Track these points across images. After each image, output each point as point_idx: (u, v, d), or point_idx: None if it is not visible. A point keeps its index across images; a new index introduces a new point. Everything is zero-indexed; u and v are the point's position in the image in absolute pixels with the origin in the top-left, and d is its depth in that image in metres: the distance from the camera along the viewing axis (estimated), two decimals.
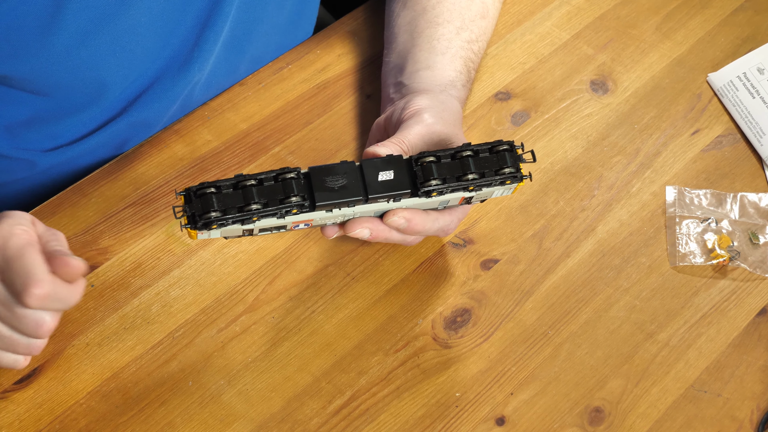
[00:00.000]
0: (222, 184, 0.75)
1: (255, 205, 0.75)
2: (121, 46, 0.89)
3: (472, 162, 0.79)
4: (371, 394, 0.84)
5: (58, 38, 0.85)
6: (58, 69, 0.87)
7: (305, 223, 0.80)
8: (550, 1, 1.13)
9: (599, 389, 0.85)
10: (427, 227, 0.83)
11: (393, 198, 0.79)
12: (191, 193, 0.75)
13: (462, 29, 0.99)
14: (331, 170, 0.77)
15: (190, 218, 0.75)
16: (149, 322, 0.87)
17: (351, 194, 0.77)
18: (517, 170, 0.80)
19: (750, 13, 1.13)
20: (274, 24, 1.02)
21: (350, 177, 0.77)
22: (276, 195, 0.76)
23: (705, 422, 0.84)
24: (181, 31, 0.93)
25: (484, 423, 0.83)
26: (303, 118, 1.01)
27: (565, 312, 0.89)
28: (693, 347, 0.88)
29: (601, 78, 1.07)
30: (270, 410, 0.83)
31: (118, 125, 0.96)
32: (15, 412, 0.81)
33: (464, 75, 0.97)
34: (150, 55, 0.92)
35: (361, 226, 0.81)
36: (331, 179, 0.77)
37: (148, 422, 0.81)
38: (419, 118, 0.87)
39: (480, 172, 0.79)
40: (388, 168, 0.78)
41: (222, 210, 0.75)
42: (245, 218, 0.75)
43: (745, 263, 0.92)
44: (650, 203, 0.97)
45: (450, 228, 0.86)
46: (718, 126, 1.03)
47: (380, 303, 0.89)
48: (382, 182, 0.78)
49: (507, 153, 0.79)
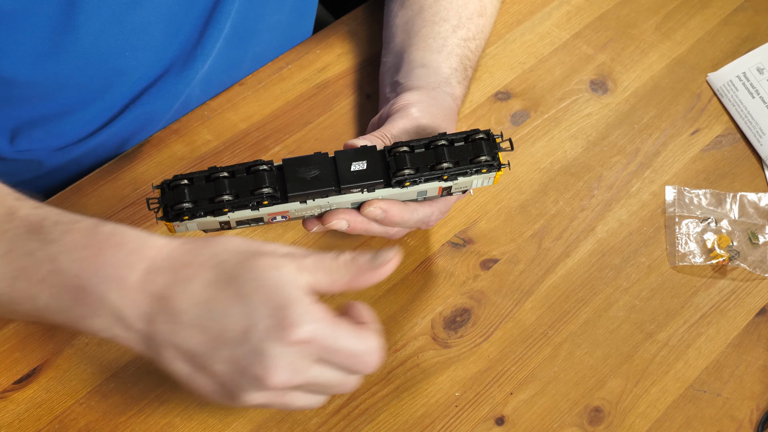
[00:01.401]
0: (195, 176, 0.76)
1: (226, 197, 0.75)
2: (131, 44, 0.90)
3: (446, 151, 0.78)
4: (371, 393, 0.84)
5: (71, 41, 0.85)
6: (68, 70, 0.88)
7: (282, 216, 0.80)
8: (549, 1, 1.13)
9: (599, 389, 0.85)
10: (406, 218, 0.82)
11: (366, 188, 0.78)
12: (165, 185, 0.76)
13: (458, 27, 0.99)
14: (304, 161, 0.77)
15: (164, 210, 0.76)
16: None
17: (323, 185, 0.77)
18: (494, 158, 0.79)
19: (750, 12, 1.13)
20: (274, 21, 1.02)
21: (323, 168, 0.77)
22: (248, 187, 0.76)
23: (704, 422, 0.84)
24: (186, 27, 0.93)
25: (483, 423, 0.83)
26: (303, 117, 1.01)
27: (564, 312, 0.89)
28: (692, 347, 0.88)
29: (601, 78, 1.07)
30: (269, 410, 0.83)
31: (121, 122, 0.96)
32: (15, 412, 0.81)
33: (460, 72, 0.97)
34: (157, 52, 0.93)
35: (337, 217, 0.81)
36: (304, 170, 0.77)
37: (148, 422, 0.81)
38: (405, 112, 0.87)
39: (454, 161, 0.78)
40: (361, 158, 0.78)
41: (193, 201, 0.75)
42: (216, 209, 0.76)
43: (745, 263, 0.92)
44: (650, 203, 0.97)
45: (431, 219, 0.85)
46: (718, 126, 1.03)
47: (380, 303, 0.89)
48: (355, 172, 0.77)
49: (483, 141, 0.79)
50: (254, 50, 1.02)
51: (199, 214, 0.76)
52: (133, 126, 0.97)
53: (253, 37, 1.01)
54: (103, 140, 0.97)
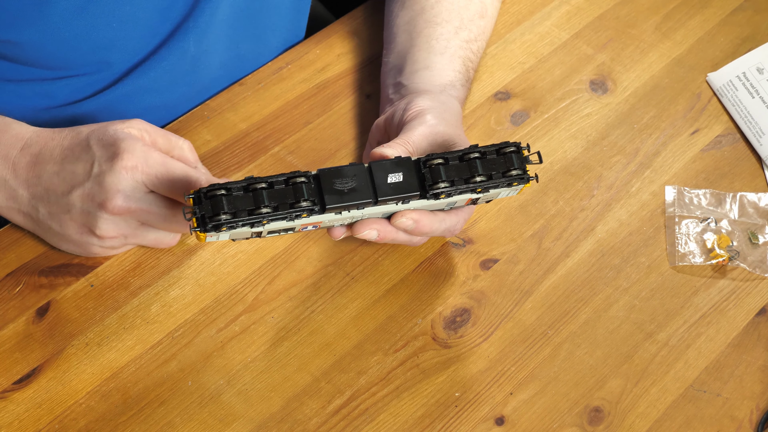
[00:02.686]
0: (232, 186, 0.75)
1: (265, 209, 0.75)
2: (117, 17, 0.90)
3: (479, 164, 0.79)
4: (371, 393, 0.84)
5: (55, 7, 0.86)
6: (55, 38, 0.88)
7: (314, 225, 0.80)
8: (549, 1, 1.13)
9: (599, 389, 0.85)
10: (435, 228, 0.83)
11: (402, 200, 0.79)
12: (201, 194, 0.75)
13: (460, 29, 0.99)
14: (340, 172, 0.77)
15: (199, 220, 0.75)
16: (149, 321, 0.87)
17: (361, 197, 0.77)
18: (524, 172, 0.80)
19: (749, 12, 1.13)
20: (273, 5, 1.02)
21: (360, 179, 0.77)
22: (286, 198, 0.76)
23: (704, 422, 0.84)
24: (178, 3, 0.93)
25: (483, 423, 0.83)
26: (302, 117, 1.01)
27: (564, 312, 0.89)
28: (692, 347, 0.88)
29: (601, 78, 1.07)
30: (269, 410, 0.83)
31: (114, 93, 0.97)
32: (14, 412, 0.81)
33: (463, 75, 0.97)
34: (148, 25, 0.93)
35: (369, 227, 0.82)
36: (341, 182, 0.77)
37: (148, 422, 0.81)
38: (422, 119, 0.87)
39: (487, 174, 0.79)
40: (397, 170, 0.78)
41: (232, 213, 0.75)
42: (255, 221, 0.75)
43: (745, 263, 0.92)
44: (650, 203, 0.97)
45: (456, 228, 0.87)
46: (718, 126, 1.03)
47: (380, 303, 0.89)
48: (392, 184, 0.78)
49: (514, 155, 0.80)
50: (254, 31, 1.02)
51: (238, 226, 0.75)
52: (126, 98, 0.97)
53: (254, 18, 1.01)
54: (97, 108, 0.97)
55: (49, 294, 0.87)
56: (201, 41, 0.97)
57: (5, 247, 0.90)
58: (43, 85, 0.95)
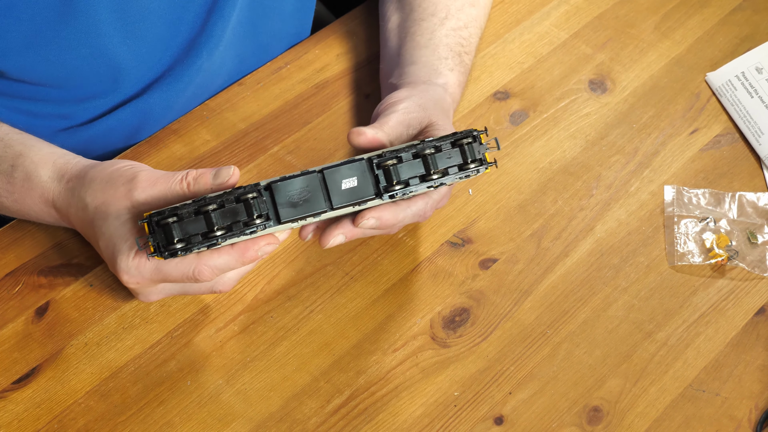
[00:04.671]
0: (182, 211, 0.74)
1: (219, 231, 0.75)
2: (132, 34, 0.90)
3: (434, 159, 0.78)
4: (370, 393, 0.84)
5: (70, 31, 0.86)
6: (70, 58, 0.88)
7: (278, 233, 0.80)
8: (548, 1, 1.13)
9: (598, 389, 0.85)
10: (400, 218, 0.82)
11: (358, 204, 0.78)
12: (153, 222, 0.74)
13: (447, 19, 0.99)
14: (292, 183, 0.76)
15: (155, 248, 0.75)
16: (148, 321, 0.87)
17: (315, 207, 0.77)
18: (482, 161, 0.79)
19: (748, 12, 1.13)
20: (279, 11, 1.02)
21: (312, 188, 0.76)
22: (239, 216, 0.75)
23: (703, 421, 0.84)
24: (189, 17, 0.94)
25: (482, 422, 0.83)
26: (302, 117, 1.01)
27: (563, 311, 0.89)
28: (691, 346, 0.88)
29: (600, 77, 1.07)
30: (268, 410, 0.83)
31: (130, 110, 0.97)
32: (14, 412, 0.81)
33: (450, 60, 0.96)
34: (161, 42, 0.93)
35: (333, 236, 0.81)
36: (294, 192, 0.76)
37: (147, 422, 0.81)
38: (395, 107, 0.87)
39: (443, 169, 0.79)
40: (351, 174, 0.77)
41: (186, 240, 0.74)
42: (210, 244, 0.75)
43: (744, 263, 0.93)
44: (649, 203, 0.97)
45: (426, 212, 0.85)
46: (717, 125, 1.03)
47: (379, 302, 0.89)
48: (346, 190, 0.77)
49: (468, 146, 0.79)
50: (262, 39, 1.02)
51: (194, 249, 0.75)
52: (142, 115, 0.97)
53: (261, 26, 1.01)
54: (113, 126, 0.97)
55: (48, 294, 0.88)
56: (212, 54, 0.97)
57: (5, 247, 0.90)
58: (60, 107, 0.95)
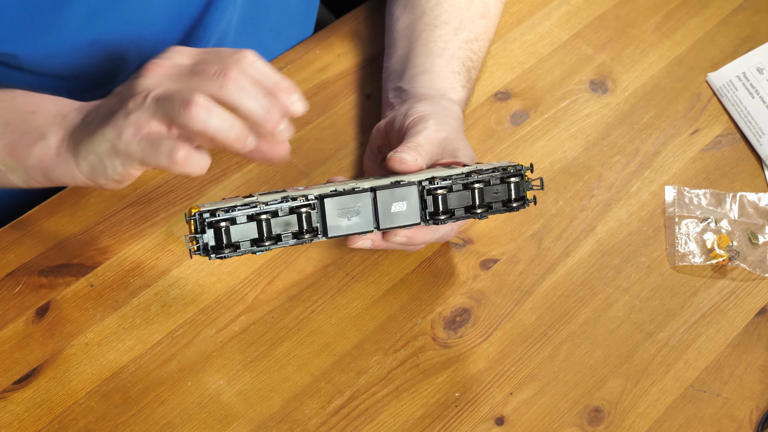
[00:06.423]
0: (236, 215, 0.75)
1: (269, 241, 0.76)
2: (131, 25, 0.90)
3: (481, 194, 0.81)
4: (370, 394, 0.84)
5: (69, 16, 0.86)
6: (69, 47, 0.88)
7: None
8: (549, 1, 1.13)
9: (598, 389, 0.85)
10: (428, 238, 0.84)
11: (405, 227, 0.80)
12: (203, 221, 0.75)
13: (460, 29, 0.99)
14: (343, 200, 0.78)
15: (202, 248, 0.75)
16: (148, 322, 0.87)
17: (363, 226, 0.79)
18: (524, 200, 0.82)
19: (749, 12, 1.13)
20: (282, 11, 1.02)
21: (363, 207, 0.79)
22: (290, 228, 0.77)
23: (704, 422, 0.84)
24: (189, 10, 0.94)
25: (483, 423, 0.83)
26: (302, 117, 1.01)
27: (564, 312, 0.89)
28: (692, 347, 0.88)
29: (601, 78, 1.07)
30: (269, 410, 0.83)
31: None
32: (14, 412, 0.81)
33: (463, 76, 0.97)
34: (160, 35, 0.93)
35: (363, 238, 0.82)
36: (343, 208, 0.78)
37: (147, 422, 0.81)
38: (425, 123, 0.87)
39: (488, 204, 0.81)
40: (401, 199, 0.79)
41: (235, 246, 0.76)
42: (258, 251, 0.76)
43: (745, 263, 0.92)
44: (649, 203, 0.97)
45: (450, 235, 0.87)
46: (718, 126, 1.03)
47: (379, 303, 0.89)
48: (395, 213, 0.79)
49: (514, 185, 0.81)
50: (263, 40, 1.02)
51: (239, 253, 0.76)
52: None
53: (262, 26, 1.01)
54: None
55: (48, 294, 0.87)
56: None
57: (5, 247, 0.90)
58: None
